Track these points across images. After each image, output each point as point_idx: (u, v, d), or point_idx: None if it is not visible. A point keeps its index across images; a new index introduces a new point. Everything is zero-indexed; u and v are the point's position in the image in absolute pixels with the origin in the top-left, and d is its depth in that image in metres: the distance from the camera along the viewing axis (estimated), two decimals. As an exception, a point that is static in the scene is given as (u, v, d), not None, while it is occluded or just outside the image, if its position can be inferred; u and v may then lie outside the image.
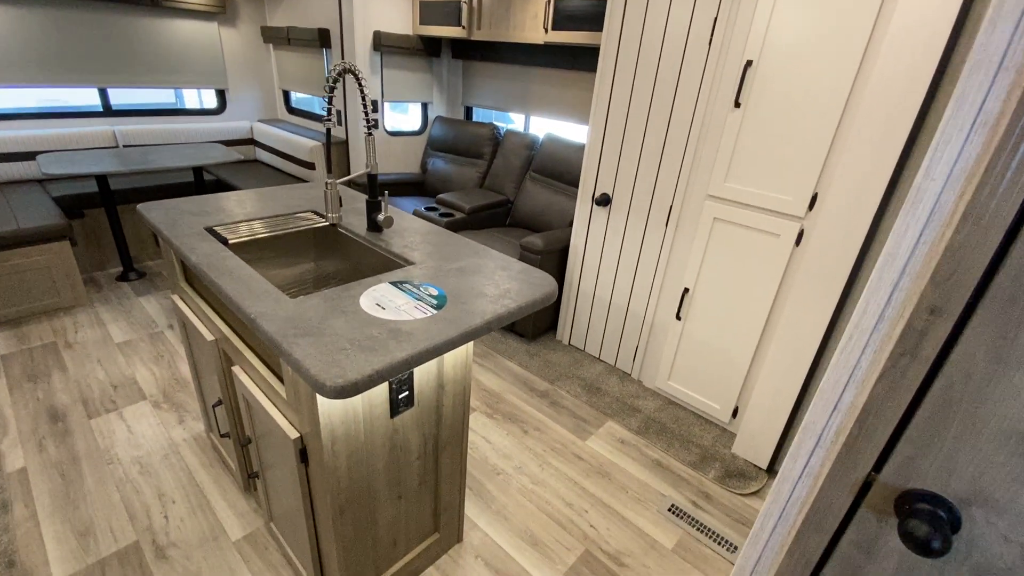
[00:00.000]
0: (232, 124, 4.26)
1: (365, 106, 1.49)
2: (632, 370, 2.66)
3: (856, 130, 1.62)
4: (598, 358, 2.79)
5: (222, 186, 3.89)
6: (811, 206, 1.85)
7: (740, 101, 1.92)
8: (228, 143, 4.26)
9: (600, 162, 2.46)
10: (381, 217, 1.62)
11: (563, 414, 2.35)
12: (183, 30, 3.86)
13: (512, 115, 4.01)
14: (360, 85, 1.43)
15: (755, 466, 2.15)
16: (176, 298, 1.74)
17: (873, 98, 1.56)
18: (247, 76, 4.30)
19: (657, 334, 2.48)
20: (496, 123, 3.68)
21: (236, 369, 1.40)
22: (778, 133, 1.86)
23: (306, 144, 3.75)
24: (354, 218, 1.78)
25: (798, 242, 1.91)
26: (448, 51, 3.93)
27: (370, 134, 1.51)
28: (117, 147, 3.74)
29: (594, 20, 2.61)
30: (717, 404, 2.32)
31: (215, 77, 4.11)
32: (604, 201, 2.48)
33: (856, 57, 1.63)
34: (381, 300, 1.20)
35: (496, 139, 3.61)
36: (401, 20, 3.57)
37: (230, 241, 1.52)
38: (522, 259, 2.68)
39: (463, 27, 3.25)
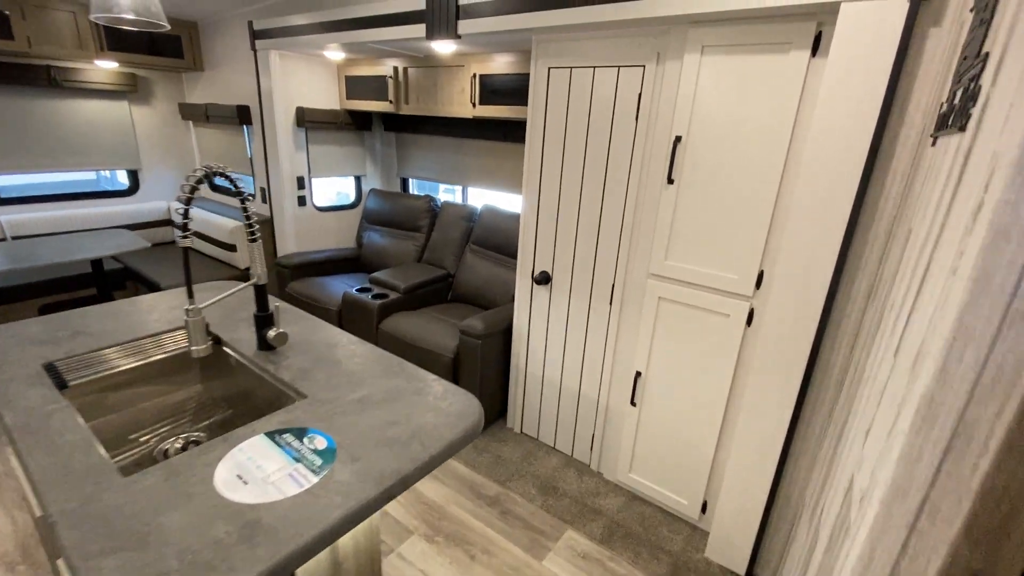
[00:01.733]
0: (146, 206, 3.93)
1: (244, 207, 1.26)
2: (591, 461, 2.41)
3: (796, 205, 1.52)
4: (553, 448, 2.54)
5: (129, 274, 3.51)
6: (758, 284, 1.73)
7: (673, 177, 1.82)
8: (142, 226, 3.91)
9: (536, 238, 2.31)
10: (272, 334, 1.36)
11: (516, 527, 2.05)
12: (89, 110, 3.58)
13: (449, 186, 3.89)
14: (233, 183, 1.20)
15: (732, 573, 1.90)
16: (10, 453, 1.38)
17: (809, 173, 1.47)
18: (164, 154, 4.03)
19: (613, 421, 2.26)
20: (432, 195, 3.53)
21: (62, 564, 1.07)
22: (715, 210, 1.75)
23: (226, 225, 3.47)
24: (247, 332, 1.51)
25: (749, 322, 1.78)
26: (380, 124, 3.82)
27: (253, 239, 1.28)
28: (5, 239, 3.33)
29: (519, 95, 2.54)
30: (684, 499, 2.09)
31: (126, 158, 3.81)
32: (544, 279, 2.31)
33: (785, 132, 1.56)
34: (245, 467, 0.93)
35: (433, 211, 3.45)
36: (326, 95, 3.44)
37: (71, 383, 1.22)
38: (462, 346, 2.45)
39: (391, 102, 3.14)
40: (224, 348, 1.44)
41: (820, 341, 1.57)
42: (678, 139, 1.77)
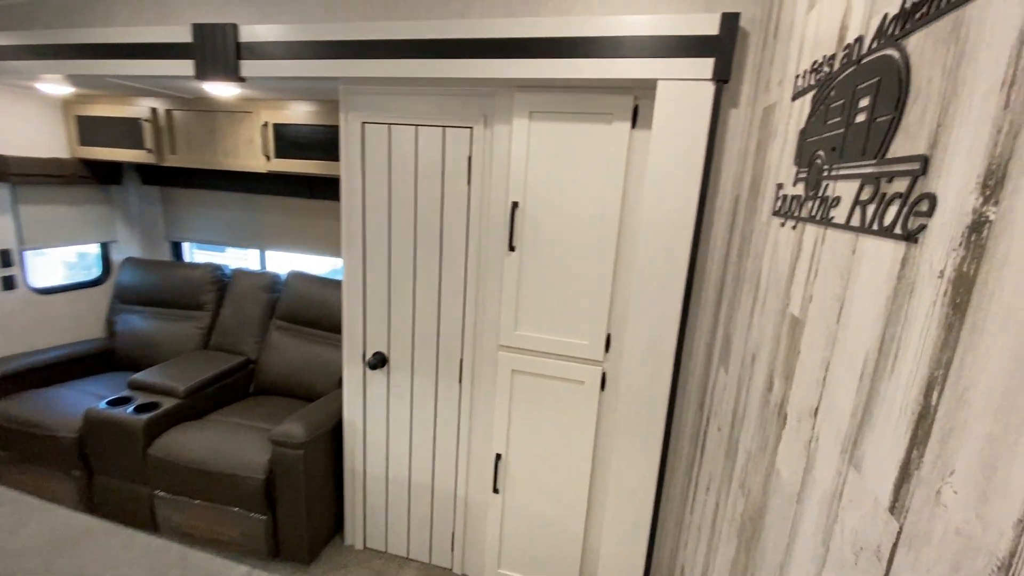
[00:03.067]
0: None
1: None
2: (453, 563, 2.09)
3: (638, 269, 1.52)
4: (407, 559, 2.14)
5: None
6: (607, 348, 1.70)
7: (514, 244, 1.70)
8: None
9: (366, 314, 1.97)
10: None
11: None
12: None
13: (239, 250, 3.24)
14: None
15: (619, 655, 1.78)
16: None
17: (647, 238, 1.49)
18: None
19: (475, 513, 2.00)
20: (217, 263, 2.85)
21: None
22: (559, 276, 1.69)
23: None
24: None
25: (603, 386, 1.73)
26: (135, 177, 3.00)
27: None
28: None
29: (327, 149, 2.20)
30: (559, 583, 1.92)
31: None
32: (379, 362, 1.96)
33: (617, 198, 1.57)
34: None
35: (221, 282, 2.79)
36: (46, 140, 2.55)
37: None
38: (276, 460, 1.92)
39: (149, 151, 2.46)
40: None
41: (674, 399, 1.58)
42: (515, 205, 1.67)
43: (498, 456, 1.88)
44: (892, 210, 0.55)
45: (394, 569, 2.08)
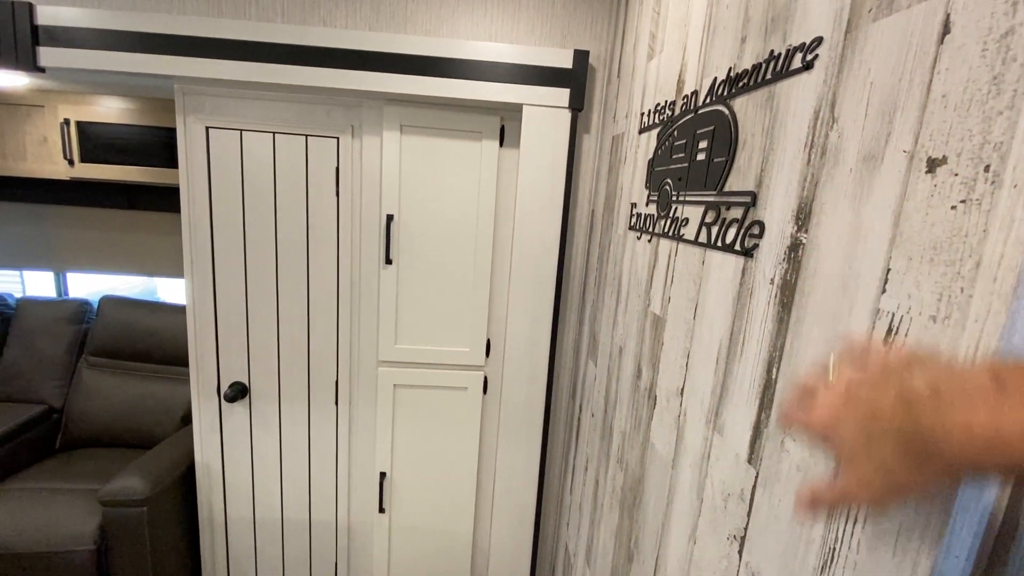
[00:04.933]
0: None
1: None
2: (337, 595, 1.97)
3: (515, 277, 1.63)
4: (282, 602, 1.96)
5: None
6: (488, 352, 1.78)
7: (391, 257, 1.69)
8: None
9: (218, 342, 1.76)
10: None
11: None
12: None
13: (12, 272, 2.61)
14: None
15: (514, 643, 1.88)
16: None
17: (520, 249, 1.61)
18: None
19: (359, 537, 1.92)
20: (-6, 292, 2.26)
21: None
22: (438, 287, 1.72)
23: None
24: None
25: (485, 390, 1.81)
26: None
27: None
28: None
29: (152, 152, 1.91)
30: (451, 589, 1.95)
31: None
32: (239, 393, 1.77)
33: (489, 211, 1.66)
34: None
35: (2, 315, 2.21)
36: None
37: None
38: (111, 524, 1.60)
39: None
40: None
41: (551, 392, 1.73)
42: (390, 217, 1.66)
43: (383, 475, 1.84)
44: (732, 231, 0.72)
45: (269, 618, 1.89)
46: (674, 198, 0.94)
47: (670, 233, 0.95)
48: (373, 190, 1.66)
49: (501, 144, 1.64)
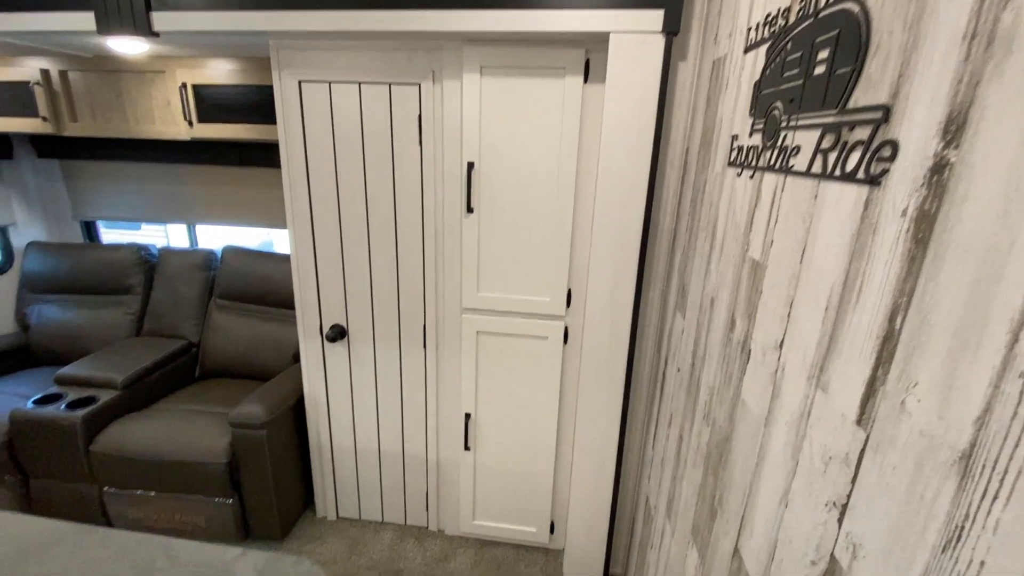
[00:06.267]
0: None
1: None
2: (429, 522, 2.15)
3: (597, 223, 1.56)
4: (382, 523, 2.17)
5: None
6: (568, 302, 1.75)
7: (472, 206, 1.69)
8: None
9: (319, 286, 1.90)
10: None
11: (364, 645, 1.66)
12: None
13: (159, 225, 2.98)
14: None
15: (592, 583, 1.94)
16: None
17: (604, 193, 1.53)
18: None
19: (447, 472, 2.05)
20: (140, 243, 2.62)
21: None
22: (519, 235, 1.70)
23: None
24: None
25: (566, 340, 1.80)
26: (28, 149, 2.64)
27: None
28: None
29: (258, 111, 2.04)
30: (532, 527, 2.03)
31: None
32: (339, 335, 1.92)
33: (572, 153, 1.58)
34: None
35: (148, 263, 2.57)
36: (-93, 108, 2.18)
37: None
38: (238, 443, 1.86)
39: (44, 119, 2.17)
40: None
41: (635, 343, 1.67)
42: (471, 165, 1.64)
43: (468, 415, 1.92)
44: (854, 157, 0.60)
45: (370, 534, 2.11)
46: (784, 123, 0.82)
47: (776, 165, 0.83)
48: (454, 138, 1.65)
49: (585, 80, 1.53)
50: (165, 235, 3.49)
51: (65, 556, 0.83)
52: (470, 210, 1.69)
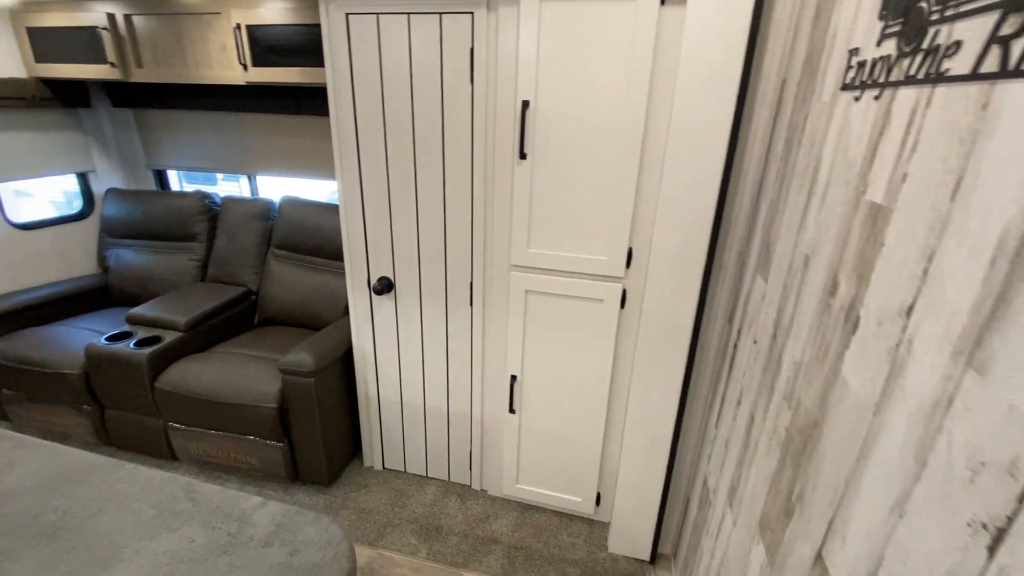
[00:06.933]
0: None
1: None
2: (471, 480, 2.11)
3: (667, 173, 1.37)
4: (426, 477, 2.17)
5: None
6: (628, 263, 1.58)
7: (526, 151, 1.53)
8: None
9: (367, 238, 1.84)
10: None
11: (402, 596, 1.67)
12: None
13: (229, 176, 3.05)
14: None
15: (637, 561, 1.83)
16: None
17: (678, 135, 1.33)
18: None
19: (492, 433, 1.99)
20: (206, 191, 2.68)
21: None
22: (576, 186, 1.53)
23: None
24: None
25: (623, 304, 1.64)
26: (104, 98, 2.75)
27: None
28: None
29: (310, 52, 1.96)
30: (577, 496, 1.94)
31: None
32: (386, 287, 1.86)
33: (642, 91, 1.38)
34: None
35: (211, 211, 2.63)
36: (-3, 56, 2.30)
37: None
38: (288, 389, 1.88)
39: (113, 65, 2.21)
40: None
41: (702, 312, 1.49)
42: (526, 104, 1.48)
43: (513, 378, 1.83)
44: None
45: (414, 488, 2.11)
46: (934, 16, 0.61)
47: (919, 75, 0.63)
48: (508, 74, 1.49)
49: (663, 1, 1.31)
50: (238, 188, 3.60)
51: (92, 489, 0.82)
52: (523, 156, 1.54)
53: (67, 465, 0.87)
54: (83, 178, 2.73)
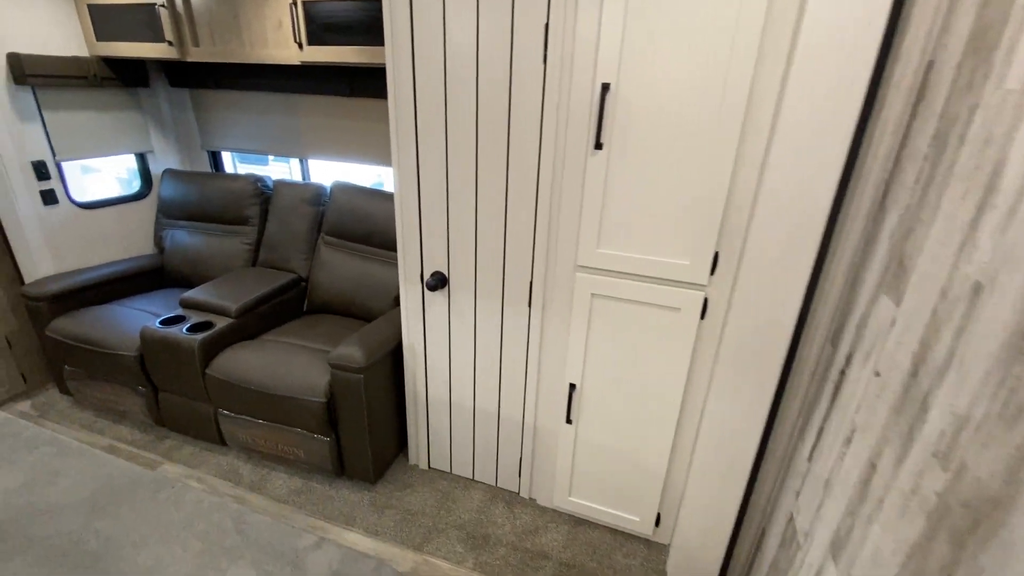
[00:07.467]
0: None
1: None
2: (520, 488, 2.01)
3: (772, 168, 1.19)
4: (472, 480, 2.08)
5: None
6: (713, 269, 1.41)
7: (602, 141, 1.37)
8: None
9: (422, 231, 1.73)
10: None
11: (448, 610, 1.59)
12: None
13: (281, 159, 3.01)
14: None
15: (701, 591, 1.69)
16: None
17: (789, 124, 1.14)
18: None
19: (545, 441, 1.87)
20: (258, 174, 2.64)
21: None
22: (658, 180, 1.36)
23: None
24: None
25: (703, 314, 1.47)
26: (162, 78, 2.74)
27: None
28: None
29: (367, 31, 1.85)
30: (635, 516, 1.81)
31: None
32: (439, 283, 1.76)
33: (746, 74, 1.19)
34: None
35: (264, 195, 2.60)
36: (60, 35, 2.30)
37: None
38: (336, 383, 1.81)
39: (170, 43, 2.17)
40: None
41: (801, 332, 1.30)
42: (606, 88, 1.31)
43: (572, 386, 1.69)
44: None
45: (460, 490, 2.03)
46: None
47: None
48: (587, 52, 1.32)
49: (779, -33, 1.11)
50: (288, 171, 3.58)
51: (137, 511, 0.75)
52: (599, 146, 1.38)
53: (113, 478, 0.81)
54: (142, 158, 2.75)
